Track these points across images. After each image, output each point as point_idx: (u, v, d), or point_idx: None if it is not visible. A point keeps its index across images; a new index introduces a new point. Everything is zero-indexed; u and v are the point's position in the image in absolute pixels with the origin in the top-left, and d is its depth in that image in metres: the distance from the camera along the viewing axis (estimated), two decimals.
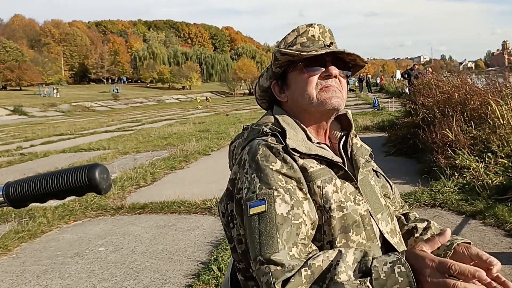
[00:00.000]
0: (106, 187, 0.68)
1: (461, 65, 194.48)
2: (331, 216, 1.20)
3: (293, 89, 1.32)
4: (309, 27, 1.35)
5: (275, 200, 1.14)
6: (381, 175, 1.47)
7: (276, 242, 1.10)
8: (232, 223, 1.27)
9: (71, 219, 5.10)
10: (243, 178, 1.21)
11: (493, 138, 5.35)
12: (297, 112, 1.34)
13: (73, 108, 45.54)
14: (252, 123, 1.37)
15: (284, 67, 1.32)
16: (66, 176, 0.66)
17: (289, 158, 1.20)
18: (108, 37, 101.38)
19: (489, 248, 3.35)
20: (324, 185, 1.21)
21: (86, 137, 15.61)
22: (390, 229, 1.33)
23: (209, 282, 3.05)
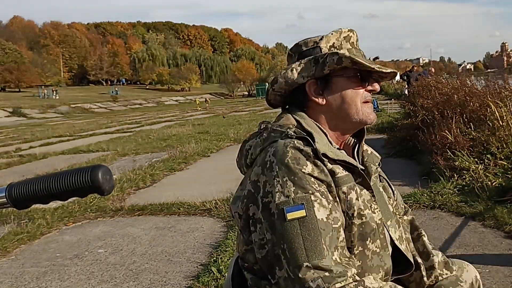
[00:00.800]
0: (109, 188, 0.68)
1: (460, 67, 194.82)
2: (353, 222, 1.20)
3: (338, 95, 1.29)
4: (351, 33, 1.33)
5: (313, 205, 1.13)
6: (383, 179, 1.47)
7: (322, 248, 1.10)
8: (254, 226, 1.22)
9: (71, 220, 5.09)
10: (272, 181, 1.17)
11: (493, 139, 5.35)
12: (331, 117, 1.32)
13: (72, 109, 45.56)
14: (270, 123, 1.33)
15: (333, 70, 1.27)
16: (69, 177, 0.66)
17: (319, 162, 1.18)
18: (107, 39, 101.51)
19: (488, 249, 3.35)
20: (349, 191, 1.21)
21: (85, 138, 15.59)
22: (398, 236, 1.35)
23: (208, 284, 3.05)
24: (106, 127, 21.28)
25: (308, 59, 1.29)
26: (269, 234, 1.18)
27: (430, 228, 3.89)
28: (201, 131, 14.40)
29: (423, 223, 4.05)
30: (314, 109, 1.32)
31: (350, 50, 1.30)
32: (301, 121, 1.28)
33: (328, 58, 1.25)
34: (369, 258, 1.22)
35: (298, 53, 1.34)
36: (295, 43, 1.36)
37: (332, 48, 1.29)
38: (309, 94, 1.30)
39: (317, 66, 1.27)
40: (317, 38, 1.32)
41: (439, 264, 1.44)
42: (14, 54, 72.15)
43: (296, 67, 1.29)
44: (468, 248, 3.42)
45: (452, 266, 1.46)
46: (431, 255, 1.43)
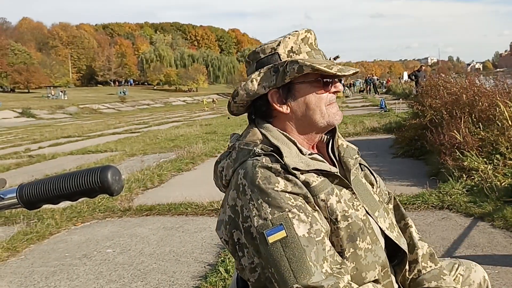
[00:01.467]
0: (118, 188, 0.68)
1: (469, 66, 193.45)
2: (338, 227, 1.19)
3: (302, 102, 1.27)
4: (308, 33, 1.30)
5: (292, 222, 1.11)
6: (364, 167, 1.46)
7: (308, 266, 1.08)
8: (241, 251, 1.22)
9: (79, 220, 5.13)
10: (248, 205, 1.16)
11: (502, 139, 5.31)
12: (298, 124, 1.30)
13: (81, 110, 45.83)
14: (238, 141, 1.31)
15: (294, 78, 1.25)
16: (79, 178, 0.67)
17: (291, 176, 1.17)
18: (115, 40, 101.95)
19: (498, 250, 3.33)
20: (327, 197, 1.20)
21: (93, 139, 15.69)
22: (388, 224, 1.33)
23: (216, 284, 3.05)
24: (114, 127, 21.39)
25: (268, 67, 1.26)
26: (256, 258, 1.18)
27: (438, 229, 3.87)
28: (209, 132, 14.43)
29: (432, 223, 4.03)
30: (280, 118, 1.30)
31: (309, 52, 1.28)
32: (267, 135, 1.26)
33: (288, 66, 1.22)
34: (363, 257, 1.20)
35: (256, 60, 1.31)
36: (252, 51, 1.33)
37: (291, 53, 1.26)
38: (272, 104, 1.28)
39: (278, 75, 1.24)
40: (274, 43, 1.28)
41: (424, 256, 1.41)
42: (23, 55, 72.72)
43: (256, 77, 1.26)
44: (477, 248, 3.40)
45: (438, 258, 1.43)
46: (416, 248, 1.40)
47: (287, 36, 1.29)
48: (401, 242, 1.33)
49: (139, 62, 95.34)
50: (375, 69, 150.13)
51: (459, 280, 1.47)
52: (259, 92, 1.26)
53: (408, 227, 1.45)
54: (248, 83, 1.27)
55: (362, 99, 29.31)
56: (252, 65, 1.32)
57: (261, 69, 1.27)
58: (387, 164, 6.84)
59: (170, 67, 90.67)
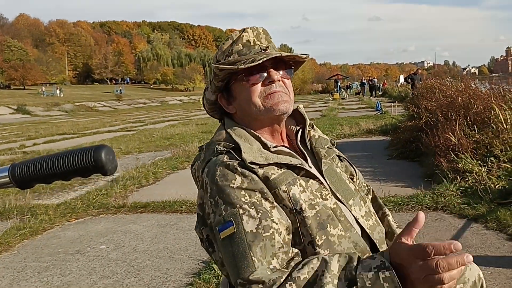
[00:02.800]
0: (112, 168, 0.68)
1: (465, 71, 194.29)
2: (305, 216, 1.20)
3: (239, 100, 1.32)
4: (243, 33, 1.33)
5: (242, 218, 1.13)
6: (344, 159, 1.47)
7: (251, 261, 1.09)
8: (212, 247, 1.26)
9: (73, 216, 5.11)
10: (208, 202, 1.20)
11: (496, 142, 5.34)
12: (247, 121, 1.34)
13: (76, 108, 45.62)
14: (207, 142, 1.37)
15: (226, 80, 1.31)
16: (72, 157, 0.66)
17: (247, 172, 1.19)
18: (112, 38, 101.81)
19: (491, 251, 3.34)
20: (289, 188, 1.21)
21: (89, 136, 15.64)
22: (364, 212, 1.34)
23: (209, 281, 3.05)
24: (110, 125, 21.33)
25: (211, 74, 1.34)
26: (220, 253, 1.21)
27: (432, 230, 3.89)
28: (205, 131, 14.42)
29: (426, 224, 4.03)
30: (235, 117, 1.37)
31: (240, 51, 1.31)
32: (231, 133, 1.31)
33: (213, 72, 1.30)
34: (336, 243, 1.21)
35: None
36: None
37: (226, 57, 1.32)
38: (223, 107, 1.37)
39: (214, 80, 1.32)
40: (218, 51, 1.36)
41: None
42: (20, 51, 72.41)
43: (209, 85, 1.37)
44: (470, 249, 3.41)
45: None
46: (395, 234, 1.41)
47: (223, 42, 1.36)
48: (375, 230, 1.34)
49: (136, 61, 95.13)
50: (372, 72, 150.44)
51: None
52: (212, 99, 1.37)
53: (385, 216, 1.47)
54: (206, 93, 1.39)
55: (358, 101, 29.37)
56: None
57: None
58: (382, 165, 6.86)
59: (167, 66, 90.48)
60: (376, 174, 6.18)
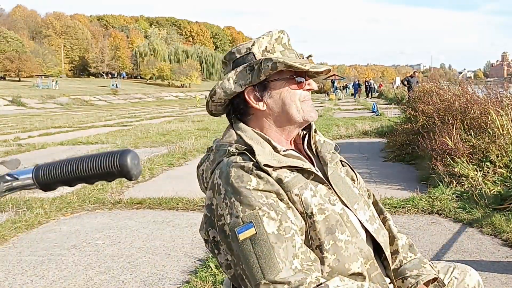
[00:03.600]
0: (137, 173, 0.68)
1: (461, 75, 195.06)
2: (315, 221, 1.21)
3: (278, 98, 1.32)
4: (281, 34, 1.35)
5: (262, 220, 1.14)
6: (345, 164, 1.49)
7: (276, 263, 1.11)
8: (217, 249, 1.27)
9: (69, 211, 5.09)
10: (221, 204, 1.20)
11: (492, 147, 5.37)
12: (275, 120, 1.34)
13: (72, 101, 45.43)
14: (216, 143, 1.36)
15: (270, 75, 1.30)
16: (98, 161, 0.66)
17: (263, 174, 1.20)
18: (110, 32, 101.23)
19: (486, 256, 3.37)
20: (301, 192, 1.23)
21: (84, 130, 15.58)
22: (368, 216, 1.36)
23: (206, 279, 3.05)
24: (105, 120, 21.25)
25: (243, 66, 1.30)
26: (229, 255, 1.23)
27: (428, 233, 3.91)
28: (201, 128, 14.42)
29: (421, 227, 4.07)
30: (257, 115, 1.35)
31: (283, 52, 1.32)
32: (242, 135, 1.30)
33: (263, 64, 1.27)
34: (343, 248, 1.23)
35: (232, 61, 1.35)
36: (228, 51, 1.38)
37: (265, 53, 1.31)
38: (249, 101, 1.32)
39: (253, 73, 1.28)
40: (249, 43, 1.34)
41: (403, 247, 1.44)
42: (16, 43, 71.85)
43: (232, 76, 1.31)
44: (465, 254, 3.44)
45: (417, 248, 1.48)
46: (395, 239, 1.44)
47: (261, 37, 1.34)
48: (380, 234, 1.36)
49: (132, 56, 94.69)
50: (368, 73, 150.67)
51: (453, 283, 1.49)
52: (236, 90, 1.31)
53: (386, 220, 1.49)
54: (225, 82, 1.31)
55: (354, 102, 29.45)
56: (229, 65, 1.36)
57: (237, 68, 1.31)
58: (378, 167, 6.88)
59: (164, 61, 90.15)
60: (372, 176, 6.20)
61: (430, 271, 1.39)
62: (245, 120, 1.36)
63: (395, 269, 1.41)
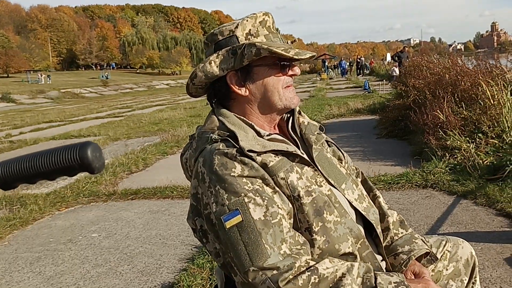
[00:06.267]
0: (99, 166, 0.65)
1: (451, 47, 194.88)
2: (302, 203, 1.21)
3: (260, 84, 1.29)
4: (266, 16, 1.31)
5: (248, 207, 1.13)
6: (332, 144, 1.48)
7: (264, 249, 1.11)
8: (206, 238, 1.27)
9: (63, 205, 5.07)
10: (207, 192, 1.19)
11: (484, 118, 5.37)
12: (257, 106, 1.32)
13: (62, 95, 45.03)
14: (198, 130, 1.33)
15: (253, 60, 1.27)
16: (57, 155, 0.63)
17: (247, 160, 1.19)
18: (96, 22, 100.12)
19: (480, 227, 3.39)
20: (287, 175, 1.22)
21: (76, 123, 15.48)
22: (357, 195, 1.35)
23: (203, 266, 3.05)
24: (97, 111, 21.12)
25: (226, 50, 1.27)
26: (217, 244, 1.22)
27: (422, 207, 3.92)
28: (193, 115, 14.35)
29: (416, 202, 4.08)
30: (239, 100, 1.32)
31: (267, 35, 1.29)
32: (224, 121, 1.28)
33: (246, 49, 1.24)
34: (332, 229, 1.22)
35: (214, 42, 1.31)
36: (210, 32, 1.34)
37: (249, 36, 1.28)
38: (231, 86, 1.29)
39: (236, 57, 1.25)
40: (232, 26, 1.30)
41: (394, 224, 1.44)
42: (1, 39, 70.97)
43: (215, 59, 1.27)
44: (460, 226, 3.45)
45: (409, 224, 1.48)
46: (386, 216, 1.44)
47: (245, 19, 1.30)
48: (370, 212, 1.36)
49: (121, 45, 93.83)
50: (359, 51, 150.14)
51: (446, 256, 1.49)
52: (218, 74, 1.28)
53: (376, 197, 1.48)
54: (206, 65, 1.28)
55: (346, 81, 29.37)
56: (211, 47, 1.32)
57: (220, 51, 1.28)
58: (372, 144, 6.88)
59: (153, 50, 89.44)
60: (366, 154, 6.20)
61: (421, 246, 1.39)
62: (227, 104, 1.34)
63: (386, 246, 1.40)
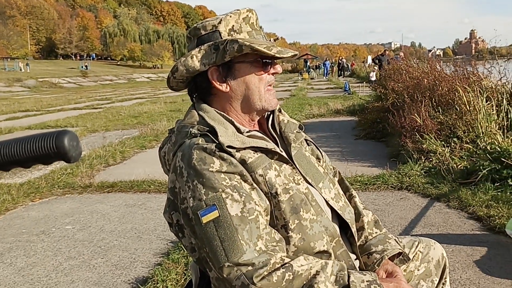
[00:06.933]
0: (76, 155, 0.63)
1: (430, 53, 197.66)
2: (279, 200, 1.21)
3: (242, 81, 1.29)
4: (250, 13, 1.31)
5: (225, 202, 1.13)
6: (311, 143, 1.50)
7: (240, 245, 1.11)
8: (182, 233, 1.26)
9: (37, 196, 4.98)
10: (184, 187, 1.18)
11: (459, 123, 5.48)
12: (237, 103, 1.31)
13: (40, 84, 44.14)
14: (178, 124, 1.33)
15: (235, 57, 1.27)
16: (33, 143, 0.62)
17: (226, 155, 1.19)
18: (77, 12, 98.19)
19: (452, 230, 3.46)
20: (265, 172, 1.22)
21: (53, 113, 15.21)
22: (334, 194, 1.37)
23: (178, 261, 3.04)
24: (75, 102, 20.77)
25: (208, 45, 1.27)
26: (193, 238, 1.22)
27: (397, 208, 3.99)
28: (173, 109, 14.25)
29: (391, 203, 4.15)
30: (219, 95, 1.32)
31: (250, 32, 1.29)
32: (204, 116, 1.28)
33: (228, 45, 1.24)
34: (308, 227, 1.23)
35: (196, 36, 1.31)
36: (193, 26, 1.34)
37: (232, 32, 1.28)
38: (212, 81, 1.29)
39: (218, 53, 1.25)
40: (215, 21, 1.30)
41: (369, 223, 1.47)
42: None
43: (196, 54, 1.28)
44: (433, 228, 3.52)
45: (382, 225, 1.50)
46: (361, 216, 1.46)
47: (229, 15, 1.30)
48: (346, 211, 1.37)
49: (102, 36, 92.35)
50: (340, 52, 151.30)
51: (418, 257, 1.52)
52: (199, 69, 1.28)
53: (352, 197, 1.50)
54: (188, 59, 1.28)
55: (327, 81, 29.57)
56: (193, 41, 1.32)
57: (202, 46, 1.28)
58: (350, 145, 6.95)
59: (135, 42, 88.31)
60: (344, 154, 6.26)
61: (395, 246, 1.41)
62: (207, 100, 1.34)
63: (361, 245, 1.42)
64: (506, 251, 3.03)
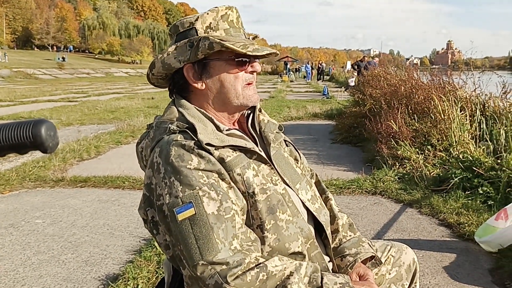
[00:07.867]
0: (53, 145, 0.62)
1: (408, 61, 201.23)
2: (256, 200, 1.21)
3: (217, 79, 1.28)
4: (229, 11, 1.30)
5: (202, 200, 1.13)
6: (289, 144, 1.50)
7: (215, 243, 1.10)
8: (156, 229, 1.25)
9: (7, 188, 4.86)
10: (161, 183, 1.17)
11: (434, 132, 5.59)
12: (213, 101, 1.31)
13: (14, 74, 43.14)
14: (156, 119, 1.31)
15: (208, 54, 1.25)
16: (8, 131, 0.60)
17: (204, 153, 1.18)
18: (56, 2, 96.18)
19: (423, 235, 3.52)
20: (243, 171, 1.22)
21: (26, 105, 14.89)
22: (310, 196, 1.38)
23: (150, 259, 3.01)
24: (50, 94, 20.38)
25: (184, 42, 1.27)
26: (168, 236, 1.20)
27: (370, 213, 4.04)
28: (151, 106, 14.11)
29: (364, 207, 4.19)
30: (196, 93, 1.32)
31: (227, 30, 1.28)
32: (184, 112, 1.27)
33: (200, 42, 1.23)
34: (284, 228, 1.23)
35: (175, 34, 1.31)
36: (173, 23, 1.34)
37: (209, 29, 1.27)
38: (188, 79, 1.29)
39: (192, 50, 1.25)
40: (193, 18, 1.29)
41: (344, 226, 1.48)
42: None
43: (172, 50, 1.28)
44: (404, 233, 3.58)
45: (356, 228, 1.52)
46: (336, 218, 1.47)
47: (207, 12, 1.29)
48: (321, 213, 1.38)
49: (80, 28, 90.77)
50: (320, 56, 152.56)
51: (390, 261, 1.55)
52: (174, 66, 1.27)
53: (328, 200, 1.51)
54: (164, 56, 1.28)
55: (306, 85, 29.76)
56: (173, 38, 1.32)
57: (178, 43, 1.27)
58: (326, 149, 7.01)
59: (114, 36, 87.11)
60: (320, 158, 6.31)
61: (368, 250, 1.43)
62: (186, 96, 1.33)
63: (334, 247, 1.44)
64: (475, 258, 3.10)
